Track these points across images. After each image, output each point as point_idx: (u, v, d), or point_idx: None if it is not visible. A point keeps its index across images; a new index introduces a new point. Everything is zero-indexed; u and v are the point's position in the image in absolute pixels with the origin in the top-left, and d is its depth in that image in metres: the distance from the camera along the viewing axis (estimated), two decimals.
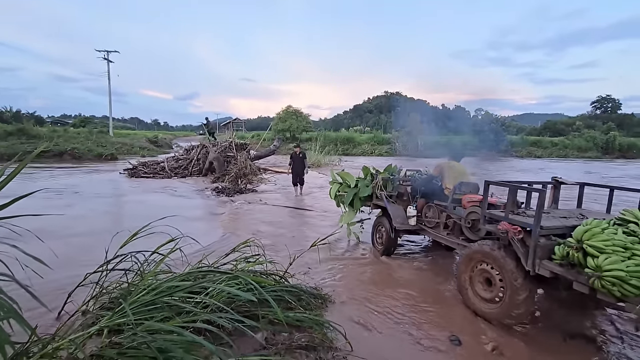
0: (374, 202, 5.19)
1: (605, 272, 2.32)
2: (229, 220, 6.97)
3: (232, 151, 14.22)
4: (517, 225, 2.93)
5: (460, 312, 3.39)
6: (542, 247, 2.75)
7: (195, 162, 14.23)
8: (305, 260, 4.51)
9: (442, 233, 4.16)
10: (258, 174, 13.45)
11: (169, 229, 3.44)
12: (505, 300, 2.95)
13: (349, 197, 5.41)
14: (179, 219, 6.54)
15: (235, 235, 5.80)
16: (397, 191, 5.03)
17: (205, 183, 12.03)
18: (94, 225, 6.16)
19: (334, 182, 5.88)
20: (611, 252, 2.36)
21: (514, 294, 2.88)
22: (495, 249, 3.09)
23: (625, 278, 2.26)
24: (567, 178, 3.87)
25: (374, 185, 5.16)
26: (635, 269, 2.28)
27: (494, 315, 3.03)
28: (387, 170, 5.42)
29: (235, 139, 15.82)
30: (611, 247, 2.38)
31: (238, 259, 3.49)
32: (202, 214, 7.47)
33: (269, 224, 6.71)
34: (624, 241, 2.39)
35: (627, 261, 2.30)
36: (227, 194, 9.83)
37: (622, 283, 2.27)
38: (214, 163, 13.21)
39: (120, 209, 7.66)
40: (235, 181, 11.63)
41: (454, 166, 4.45)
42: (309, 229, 6.32)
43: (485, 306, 3.13)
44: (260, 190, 10.53)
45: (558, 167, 22.37)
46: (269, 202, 8.80)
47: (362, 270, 4.37)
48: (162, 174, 13.43)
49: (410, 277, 4.19)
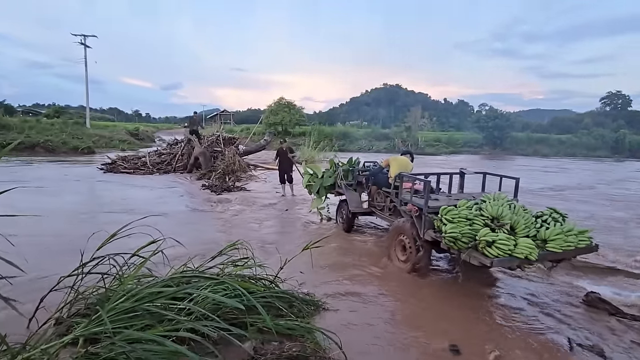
0: (337, 190, 6.59)
1: (447, 235, 3.69)
2: (216, 220, 6.96)
3: (220, 146, 14.15)
4: (416, 206, 4.31)
5: (458, 315, 3.51)
6: (429, 221, 4.13)
7: (180, 157, 14.15)
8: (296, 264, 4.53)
9: (386, 214, 5.44)
10: (247, 170, 13.40)
11: (151, 230, 3.41)
12: (411, 258, 4.42)
13: (316, 186, 6.76)
14: (161, 219, 6.51)
15: (222, 236, 5.80)
16: (356, 180, 6.32)
17: (191, 180, 11.98)
18: (68, 225, 6.09)
19: (306, 173, 7.18)
20: (457, 222, 3.73)
21: (416, 253, 4.35)
22: (406, 224, 4.50)
23: (458, 237, 3.64)
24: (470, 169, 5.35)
25: (336, 176, 6.47)
26: (466, 231, 3.66)
27: (406, 270, 4.47)
28: (349, 163, 6.66)
29: (223, 132, 15.75)
30: (457, 219, 3.77)
31: (225, 263, 3.46)
32: (187, 214, 7.45)
33: (259, 224, 6.72)
34: (466, 215, 3.80)
35: (465, 228, 3.68)
36: (214, 191, 9.81)
37: (456, 241, 3.67)
38: (200, 158, 13.13)
39: (97, 207, 7.58)
40: (223, 178, 11.59)
41: (399, 160, 5.53)
42: (301, 231, 6.39)
43: (402, 265, 4.59)
44: (250, 189, 10.52)
45: (565, 169, 22.68)
46: (258, 201, 8.80)
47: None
48: (144, 170, 13.34)
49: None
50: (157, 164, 13.97)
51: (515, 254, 3.44)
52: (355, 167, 6.51)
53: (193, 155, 13.47)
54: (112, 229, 3.17)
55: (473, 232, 3.65)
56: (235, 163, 12.58)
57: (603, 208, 9.39)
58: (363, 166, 6.68)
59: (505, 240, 3.47)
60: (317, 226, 6.76)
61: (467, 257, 3.57)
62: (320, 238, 4.88)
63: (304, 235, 6.07)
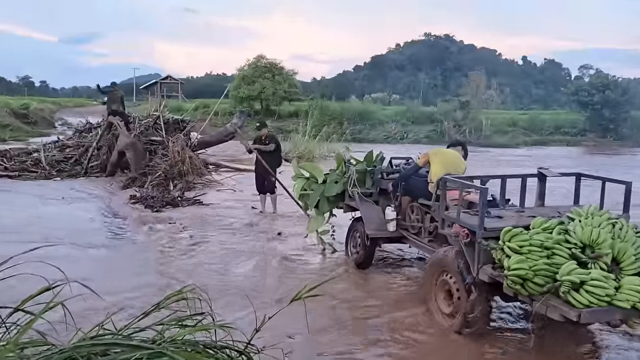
0: (346, 203, 6.56)
1: (510, 272, 3.69)
2: (152, 252, 7.07)
3: (160, 133, 14.26)
4: (465, 228, 4.28)
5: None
6: (485, 251, 4.08)
7: (95, 152, 14.32)
8: (282, 323, 4.52)
9: (424, 241, 5.45)
10: (205, 173, 13.50)
11: (46, 268, 3.41)
12: (460, 308, 4.41)
13: (315, 197, 6.73)
14: (63, 251, 6.51)
15: (161, 280, 5.91)
16: (377, 187, 6.34)
17: (112, 188, 12.13)
18: None
19: (298, 176, 7.10)
20: (527, 252, 3.77)
21: (466, 299, 4.33)
22: (451, 255, 4.53)
23: (528, 275, 3.64)
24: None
25: (346, 181, 6.46)
26: (540, 267, 3.69)
27: (454, 328, 4.51)
28: (366, 160, 6.66)
29: (166, 112, 15.83)
30: (527, 247, 3.80)
31: (166, 322, 3.46)
32: (105, 242, 7.53)
33: (221, 260, 6.80)
34: (543, 241, 3.85)
35: (539, 261, 3.72)
36: (150, 207, 9.92)
37: (525, 282, 3.67)
38: (127, 154, 13.24)
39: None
40: (165, 186, 11.73)
41: (445, 154, 5.67)
42: (289, 269, 6.52)
43: (446, 321, 4.67)
44: (209, 202, 10.64)
45: None
46: (221, 221, 8.92)
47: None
48: (37, 172, 13.53)
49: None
50: (57, 163, 14.12)
51: (617, 302, 3.51)
52: (377, 166, 6.60)
53: (116, 148, 13.59)
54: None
55: (552, 268, 3.73)
56: (186, 161, 12.69)
57: None
58: (389, 165, 6.78)
59: (601, 280, 3.54)
60: (317, 261, 6.85)
61: (542, 308, 3.63)
62: (319, 281, 4.87)
63: (294, 277, 6.16)
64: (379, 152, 6.90)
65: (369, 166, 6.58)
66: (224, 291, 5.58)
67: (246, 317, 4.50)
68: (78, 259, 6.49)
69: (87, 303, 4.06)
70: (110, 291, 5.03)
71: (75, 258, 6.48)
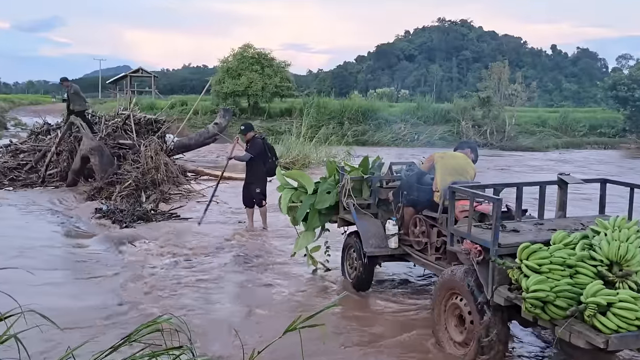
0: (340, 216, 6.68)
1: (529, 294, 3.72)
2: (121, 276, 7.04)
3: (130, 136, 14.27)
4: (477, 244, 4.35)
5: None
6: (500, 270, 4.15)
7: (54, 157, 14.31)
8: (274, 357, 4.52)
9: (431, 258, 5.49)
10: (183, 181, 13.50)
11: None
12: (474, 336, 4.43)
13: (304, 210, 6.82)
14: (15, 274, 6.45)
15: (132, 307, 5.88)
16: (376, 197, 6.45)
17: (76, 199, 12.10)
18: None
19: (284, 187, 7.19)
20: (547, 271, 3.82)
21: (479, 324, 4.37)
22: (460, 273, 4.61)
23: (549, 298, 3.67)
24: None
25: (339, 191, 6.57)
26: (563, 287, 3.72)
27: (467, 359, 4.56)
28: (363, 166, 6.73)
29: (137, 110, 15.78)
30: (547, 266, 3.84)
31: (138, 357, 3.44)
32: (66, 264, 7.50)
33: (202, 285, 6.80)
34: (564, 258, 3.88)
35: (561, 281, 3.76)
36: (118, 222, 9.93)
37: (546, 305, 3.71)
38: (92, 160, 13.24)
39: None
40: (136, 197, 11.74)
41: (451, 158, 5.75)
42: (280, 294, 6.54)
43: (458, 350, 4.71)
44: (188, 215, 10.66)
45: None
46: (202, 241, 8.89)
47: None
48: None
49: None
50: (10, 171, 14.11)
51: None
52: (374, 173, 6.66)
53: (79, 153, 13.58)
54: None
55: (576, 289, 3.76)
56: (160, 168, 12.71)
57: None
58: (389, 171, 6.83)
59: (630, 302, 3.55)
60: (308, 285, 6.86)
61: (565, 334, 3.67)
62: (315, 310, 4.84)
63: (287, 303, 6.17)
64: (376, 157, 6.99)
65: (366, 173, 6.65)
66: (206, 322, 5.57)
67: (233, 352, 4.46)
68: (33, 284, 6.43)
69: (45, 335, 4.03)
70: (72, 321, 5.05)
71: (30, 283, 6.41)
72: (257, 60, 37.31)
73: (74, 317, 5.18)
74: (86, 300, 6.08)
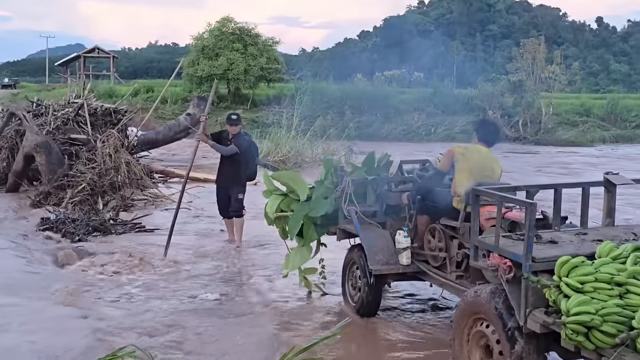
0: (340, 226, 6.58)
1: (570, 318, 3.63)
2: (72, 302, 7.04)
3: (84, 129, 14.28)
4: (507, 258, 4.29)
5: None
6: (535, 290, 4.10)
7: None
8: None
9: (451, 276, 5.51)
10: (149, 184, 13.54)
11: None
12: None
13: (296, 220, 6.67)
14: None
15: (86, 338, 5.88)
16: (383, 203, 6.43)
17: (15, 207, 12.17)
18: None
19: (270, 192, 7.15)
20: (592, 291, 3.75)
21: (510, 354, 4.26)
22: (485, 294, 4.54)
23: (594, 323, 3.57)
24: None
25: (339, 196, 6.48)
26: (611, 310, 3.64)
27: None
28: (367, 165, 6.66)
29: (93, 98, 15.82)
30: (592, 284, 3.78)
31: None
32: (4, 289, 7.48)
33: (172, 310, 6.82)
34: (612, 274, 3.81)
35: (609, 303, 3.67)
36: (68, 235, 9.95)
37: (591, 330, 3.61)
38: (37, 159, 13.26)
39: None
40: (92, 204, 11.77)
41: (476, 152, 5.74)
42: (269, 322, 6.55)
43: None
44: (153, 226, 10.73)
45: None
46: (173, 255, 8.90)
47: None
48: None
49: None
50: None
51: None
52: (381, 173, 6.66)
53: (21, 151, 13.60)
54: None
55: (626, 312, 3.71)
56: (121, 168, 12.75)
57: None
58: (398, 171, 6.79)
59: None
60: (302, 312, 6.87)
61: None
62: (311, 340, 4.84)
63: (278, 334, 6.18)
64: (383, 153, 6.93)
65: (371, 174, 6.59)
66: (178, 351, 5.59)
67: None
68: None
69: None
70: (17, 353, 5.04)
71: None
72: (238, 37, 37.60)
73: (14, 352, 5.17)
74: (28, 331, 5.99)
